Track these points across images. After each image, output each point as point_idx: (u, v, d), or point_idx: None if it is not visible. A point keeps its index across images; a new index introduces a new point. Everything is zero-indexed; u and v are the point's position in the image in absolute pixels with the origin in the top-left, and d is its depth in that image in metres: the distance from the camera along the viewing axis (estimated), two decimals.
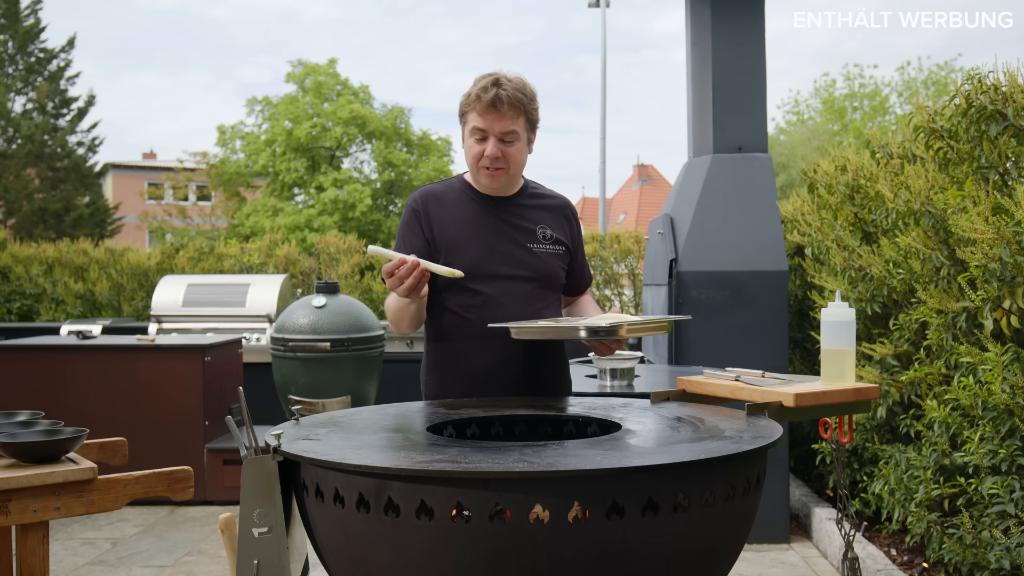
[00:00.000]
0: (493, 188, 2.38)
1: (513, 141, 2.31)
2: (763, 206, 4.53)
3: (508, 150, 2.31)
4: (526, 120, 2.33)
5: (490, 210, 2.40)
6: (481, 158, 2.31)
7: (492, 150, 2.29)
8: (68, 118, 23.50)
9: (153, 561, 4.11)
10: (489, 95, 2.25)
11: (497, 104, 2.25)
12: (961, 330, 3.26)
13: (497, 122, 2.27)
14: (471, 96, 2.29)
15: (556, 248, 2.45)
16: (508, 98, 2.26)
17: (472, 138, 2.32)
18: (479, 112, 2.28)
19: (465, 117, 2.34)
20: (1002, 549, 2.85)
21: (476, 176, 2.38)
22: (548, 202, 2.51)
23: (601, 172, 20.72)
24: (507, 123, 2.28)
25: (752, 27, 4.70)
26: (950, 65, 24.40)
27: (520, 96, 2.29)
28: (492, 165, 2.32)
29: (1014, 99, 3.11)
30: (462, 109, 2.34)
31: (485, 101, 2.25)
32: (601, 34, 19.74)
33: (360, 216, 22.34)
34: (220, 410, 5.23)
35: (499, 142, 2.29)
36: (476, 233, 2.35)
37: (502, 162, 2.32)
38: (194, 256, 8.03)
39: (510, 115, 2.28)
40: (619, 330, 2.07)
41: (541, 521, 1.47)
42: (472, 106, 2.29)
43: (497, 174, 2.33)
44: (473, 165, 2.35)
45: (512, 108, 2.27)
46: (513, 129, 2.30)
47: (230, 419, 1.84)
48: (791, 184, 20.29)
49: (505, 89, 2.26)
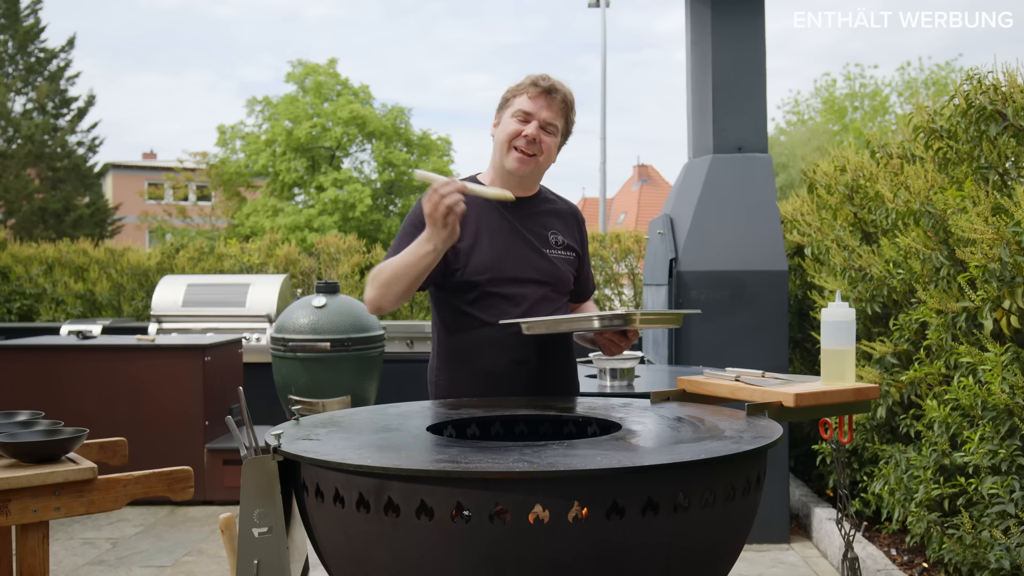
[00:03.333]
0: (518, 175, 2.36)
1: (553, 133, 2.36)
2: (763, 206, 4.53)
3: (545, 138, 2.35)
4: (565, 122, 2.40)
5: (506, 213, 2.39)
6: (517, 137, 2.33)
7: (532, 131, 2.32)
8: (68, 118, 23.51)
9: (153, 561, 4.11)
10: (545, 84, 2.33)
11: (552, 93, 2.33)
12: (961, 330, 3.27)
13: (545, 109, 2.33)
14: (523, 84, 2.36)
15: (567, 254, 2.46)
16: (562, 95, 2.35)
17: (514, 119, 2.35)
18: (530, 96, 2.33)
19: (510, 102, 2.37)
20: (1002, 549, 2.85)
21: (504, 158, 2.36)
22: (559, 207, 2.52)
23: (601, 172, 20.74)
24: (553, 113, 2.34)
25: (752, 27, 4.70)
26: (950, 65, 24.41)
27: (570, 98, 2.38)
28: (527, 148, 2.33)
29: (1014, 99, 3.11)
30: (508, 95, 2.39)
31: (541, 87, 2.33)
32: (601, 34, 19.75)
33: (360, 216, 22.35)
34: (220, 410, 5.23)
35: (540, 128, 2.34)
36: (492, 236, 2.34)
37: (536, 147, 2.34)
38: (194, 256, 8.03)
39: (558, 109, 2.35)
40: (633, 320, 2.07)
41: (541, 521, 1.47)
42: (524, 91, 2.35)
43: (528, 160, 2.35)
44: (506, 144, 2.35)
45: (563, 103, 2.36)
46: (556, 123, 2.35)
47: (230, 419, 1.84)
48: (791, 184, 20.29)
49: (559, 86, 2.36)
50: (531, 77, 2.36)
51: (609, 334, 2.26)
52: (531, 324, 2.15)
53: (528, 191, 2.44)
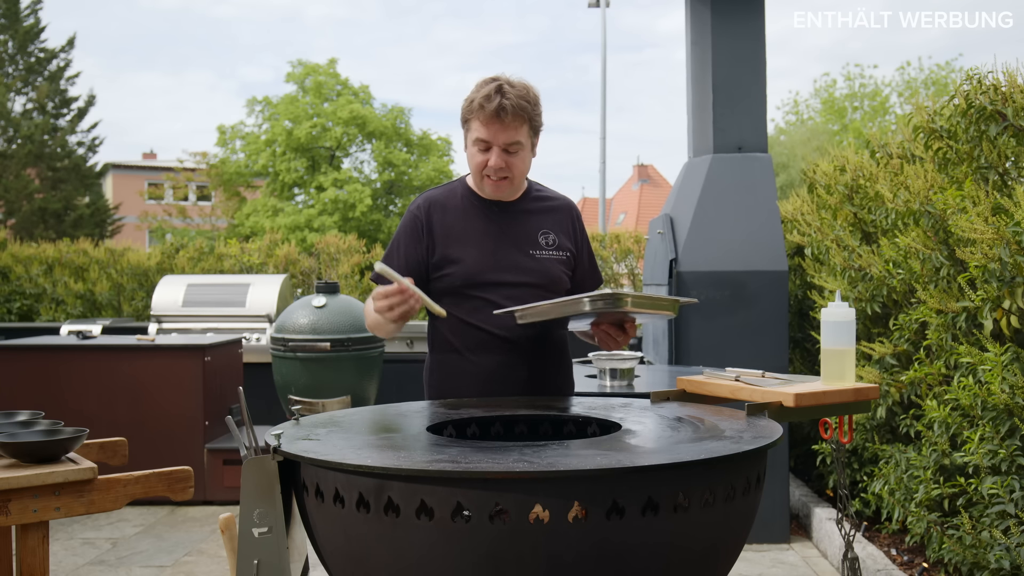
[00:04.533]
0: (496, 198, 2.38)
1: (517, 151, 2.29)
2: (763, 206, 4.53)
3: (512, 160, 2.29)
4: (529, 128, 2.29)
5: (492, 217, 2.39)
6: (484, 167, 2.29)
7: (496, 161, 2.27)
8: (68, 118, 23.52)
9: (153, 561, 4.11)
10: (492, 105, 2.20)
11: (501, 115, 2.21)
12: (961, 330, 3.27)
13: (501, 133, 2.24)
14: (474, 104, 2.24)
15: (559, 253, 2.43)
16: (512, 107, 2.21)
17: (475, 147, 2.29)
18: (482, 122, 2.24)
19: (468, 124, 2.30)
20: (1002, 549, 2.85)
21: (480, 185, 2.36)
22: (552, 204, 2.49)
23: (601, 172, 20.74)
24: (511, 134, 2.24)
25: (752, 27, 4.70)
26: (950, 65, 24.41)
27: (524, 104, 2.24)
28: (496, 176, 2.30)
29: (1013, 99, 3.11)
30: (464, 115, 2.30)
31: (489, 111, 2.21)
32: (601, 34, 19.75)
33: (360, 216, 22.36)
34: (220, 410, 5.23)
35: (503, 152, 2.27)
36: (478, 241, 2.34)
37: (506, 171, 2.29)
38: (194, 256, 8.04)
39: (513, 125, 2.24)
40: (623, 300, 2.00)
41: (541, 521, 1.47)
42: (475, 114, 2.25)
43: (501, 184, 2.32)
44: (477, 174, 2.33)
45: (516, 118, 2.23)
46: (517, 140, 2.26)
47: (230, 419, 1.84)
48: (791, 184, 20.29)
49: (508, 98, 2.21)
50: (480, 93, 2.24)
51: (606, 326, 2.24)
52: (524, 312, 2.13)
53: (513, 196, 2.43)
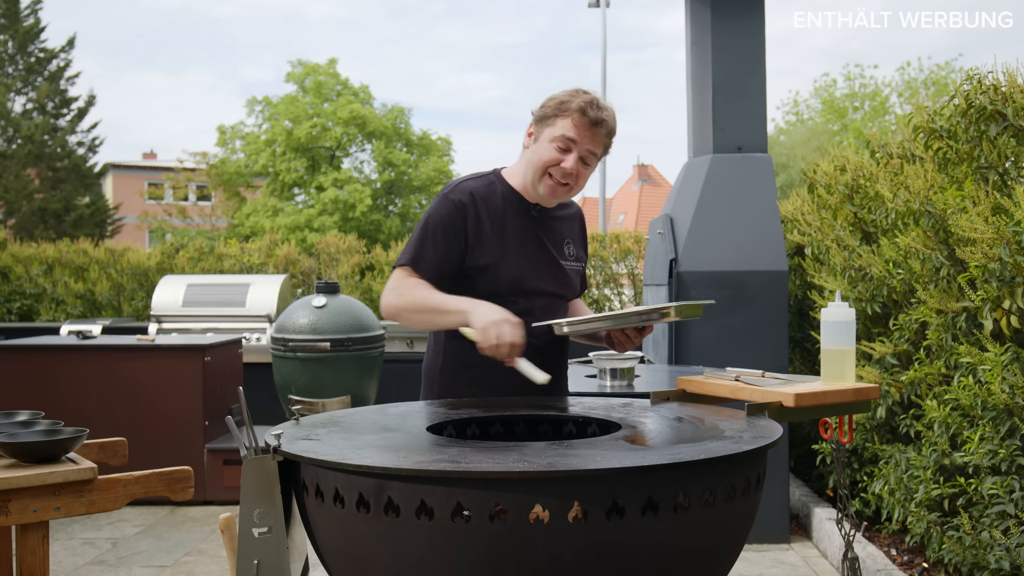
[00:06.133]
0: (546, 200, 2.33)
1: (590, 164, 2.28)
2: (763, 206, 4.53)
3: (582, 170, 2.27)
4: (603, 150, 2.31)
5: (530, 223, 2.35)
6: (555, 167, 2.25)
7: (572, 164, 2.24)
8: (68, 118, 23.51)
9: (153, 561, 4.11)
10: (594, 113, 2.22)
11: (599, 125, 2.23)
12: (961, 330, 3.27)
13: (590, 140, 2.23)
14: (569, 105, 2.23)
15: (578, 264, 2.46)
16: (608, 127, 2.25)
17: (554, 144, 2.24)
18: (576, 123, 2.22)
19: (552, 121, 2.25)
20: (1002, 549, 2.85)
21: (536, 182, 2.29)
22: (569, 212, 2.49)
23: (601, 172, 20.75)
24: (596, 144, 2.25)
25: (752, 27, 4.70)
26: (950, 65, 24.41)
27: (614, 127, 2.28)
28: (561, 179, 2.26)
29: (1013, 99, 3.11)
30: (551, 112, 2.26)
31: (589, 117, 2.21)
32: (601, 34, 19.76)
33: (360, 216, 22.36)
34: (220, 410, 5.23)
35: (579, 159, 2.25)
36: (520, 247, 2.31)
37: (572, 179, 2.27)
38: (194, 256, 8.03)
39: (599, 141, 2.26)
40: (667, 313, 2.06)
41: (541, 521, 1.47)
42: (568, 115, 2.23)
43: (561, 190, 2.29)
44: (540, 170, 2.27)
45: (607, 136, 2.27)
46: (597, 152, 2.27)
47: (230, 419, 1.84)
48: (791, 184, 20.29)
49: (607, 115, 2.25)
50: (580, 100, 2.23)
51: (629, 329, 2.25)
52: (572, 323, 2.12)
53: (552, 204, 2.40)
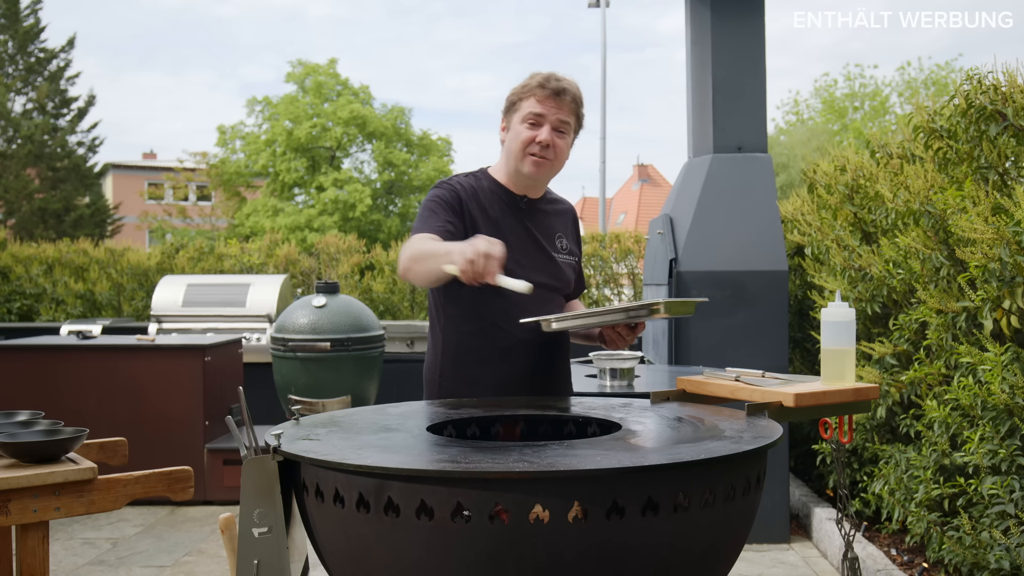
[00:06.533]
0: (531, 178, 2.34)
1: (566, 133, 2.32)
2: (763, 206, 4.53)
3: (558, 141, 2.31)
4: (576, 120, 2.34)
5: (519, 214, 2.38)
6: (531, 144, 2.29)
7: (546, 136, 2.28)
8: (68, 118, 23.51)
9: (153, 561, 4.11)
10: (552, 85, 2.27)
11: (561, 94, 2.27)
12: (961, 330, 3.27)
13: (556, 110, 2.28)
14: (530, 85, 2.30)
15: (571, 258, 2.47)
16: (571, 94, 2.29)
17: (524, 123, 2.29)
18: (539, 99, 2.27)
19: (517, 105, 2.31)
20: (1002, 549, 2.85)
21: (518, 163, 2.32)
22: (560, 207, 2.51)
23: (601, 172, 20.74)
24: (565, 113, 2.29)
25: (752, 27, 4.70)
26: (950, 65, 24.40)
27: (578, 94, 2.32)
28: (541, 153, 2.29)
29: (1013, 99, 3.11)
30: (515, 98, 2.32)
31: (549, 89, 2.26)
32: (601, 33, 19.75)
33: (360, 216, 22.36)
34: (220, 410, 5.23)
35: (553, 131, 2.29)
36: (510, 238, 2.30)
37: (551, 152, 2.30)
38: (194, 256, 8.04)
39: (568, 107, 2.30)
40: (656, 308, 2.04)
41: (541, 521, 1.47)
42: (531, 93, 2.28)
43: (543, 163, 2.31)
44: (520, 151, 2.30)
45: (572, 103, 2.30)
46: (568, 120, 2.31)
47: (230, 419, 1.84)
48: (791, 184, 20.28)
49: (567, 84, 2.29)
50: (538, 77, 2.29)
51: (620, 327, 2.27)
52: (560, 319, 2.12)
53: (538, 192, 2.43)
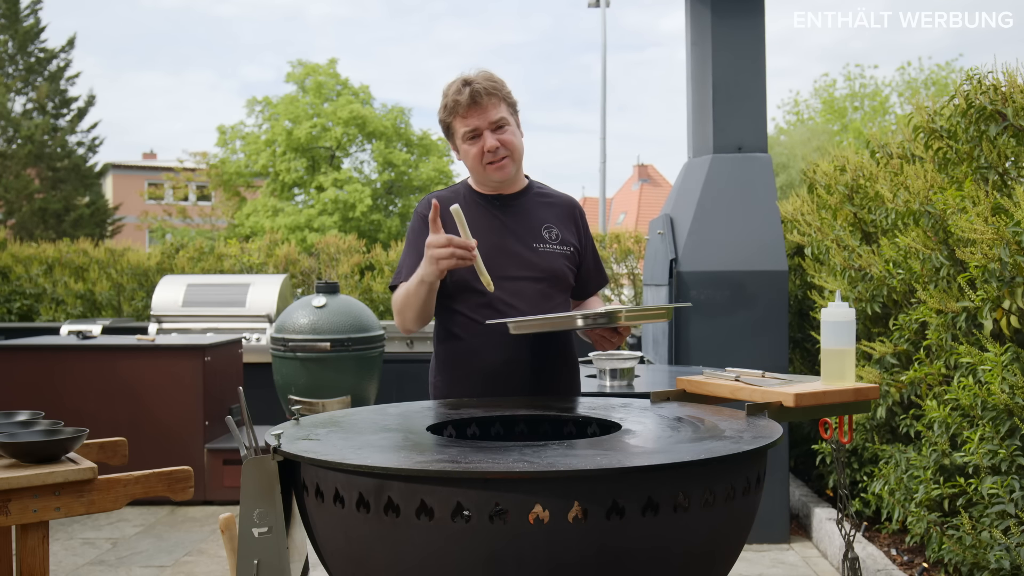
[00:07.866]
0: (502, 181, 2.39)
1: (504, 127, 2.34)
2: (763, 206, 4.53)
3: (504, 137, 2.34)
4: (506, 104, 2.36)
5: (495, 212, 2.41)
6: (483, 155, 2.33)
7: (491, 142, 2.31)
8: (68, 118, 23.51)
9: (153, 561, 4.11)
10: (465, 95, 2.29)
11: (477, 99, 2.29)
12: (961, 330, 3.27)
13: (483, 115, 2.31)
14: (448, 106, 2.33)
15: (563, 248, 2.44)
16: (484, 90, 2.30)
17: (466, 142, 2.34)
18: (463, 115, 2.31)
19: (451, 127, 2.36)
20: (1002, 549, 2.85)
21: (483, 176, 2.39)
22: (554, 200, 2.51)
23: (601, 172, 20.73)
24: (492, 112, 2.31)
25: (752, 27, 4.70)
26: (950, 65, 24.40)
27: (491, 84, 2.32)
28: (495, 157, 2.33)
29: (1013, 99, 3.11)
30: (445, 122, 2.37)
31: (464, 102, 2.29)
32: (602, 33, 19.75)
33: (360, 216, 22.34)
34: (220, 410, 5.23)
35: (493, 133, 2.32)
36: (482, 235, 2.33)
37: (503, 150, 2.34)
38: (194, 256, 8.04)
39: (491, 104, 2.31)
40: (618, 317, 2.05)
41: (541, 521, 1.47)
42: (453, 112, 2.32)
43: (504, 163, 2.35)
44: (477, 166, 2.36)
45: (491, 97, 2.31)
46: (501, 115, 2.33)
47: (230, 419, 1.84)
48: (791, 184, 20.28)
49: (477, 83, 2.30)
50: (450, 94, 2.32)
51: (600, 330, 2.28)
52: (518, 324, 2.14)
53: (514, 186, 2.45)
